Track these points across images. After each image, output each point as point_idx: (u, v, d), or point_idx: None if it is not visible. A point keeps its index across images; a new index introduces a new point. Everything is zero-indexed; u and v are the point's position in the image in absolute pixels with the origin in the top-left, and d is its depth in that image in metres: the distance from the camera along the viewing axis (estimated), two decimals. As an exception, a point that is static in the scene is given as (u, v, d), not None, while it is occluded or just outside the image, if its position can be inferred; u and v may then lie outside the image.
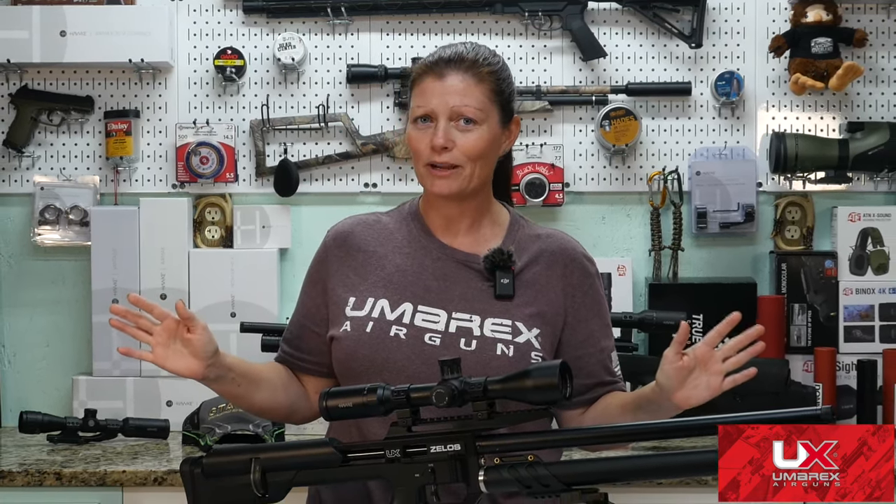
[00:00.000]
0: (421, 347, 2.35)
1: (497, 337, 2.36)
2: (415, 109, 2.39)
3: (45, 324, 3.94)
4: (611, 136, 3.83)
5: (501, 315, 2.38)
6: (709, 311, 3.73)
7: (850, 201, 3.89)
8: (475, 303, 2.40)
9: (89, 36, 3.78)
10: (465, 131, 2.36)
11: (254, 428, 3.43)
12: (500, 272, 2.40)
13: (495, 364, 2.30)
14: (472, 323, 2.37)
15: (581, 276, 2.46)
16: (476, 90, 2.38)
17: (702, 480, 3.15)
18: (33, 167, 3.92)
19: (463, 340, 2.36)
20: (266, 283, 3.80)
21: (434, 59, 2.41)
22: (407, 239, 2.48)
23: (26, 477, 3.21)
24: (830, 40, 3.78)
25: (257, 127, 3.88)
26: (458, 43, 2.47)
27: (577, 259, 2.47)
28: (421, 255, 2.45)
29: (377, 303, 2.41)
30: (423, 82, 2.40)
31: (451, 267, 2.43)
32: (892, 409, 3.65)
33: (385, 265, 2.45)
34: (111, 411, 3.67)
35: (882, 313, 3.79)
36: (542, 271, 2.44)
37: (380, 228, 2.51)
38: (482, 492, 1.98)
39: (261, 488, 2.12)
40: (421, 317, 2.39)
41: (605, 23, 3.90)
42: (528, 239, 2.47)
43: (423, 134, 2.37)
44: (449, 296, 2.40)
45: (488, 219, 2.48)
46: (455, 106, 2.36)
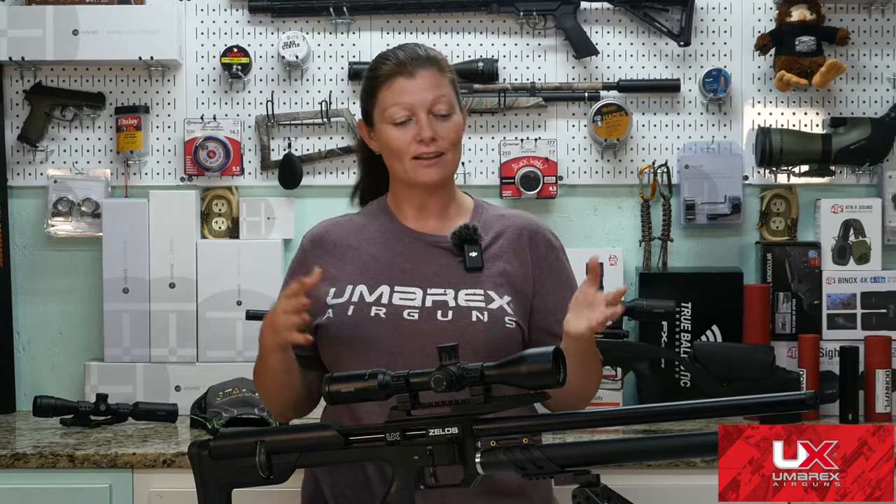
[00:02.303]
0: (401, 323, 2.41)
1: (471, 305, 2.42)
2: (391, 109, 2.46)
3: (58, 312, 3.94)
4: (603, 131, 3.82)
5: (473, 286, 2.45)
6: (697, 300, 3.73)
7: (832, 194, 3.88)
8: (448, 278, 2.46)
9: (101, 35, 3.77)
10: (443, 121, 2.46)
11: (259, 412, 3.42)
12: (468, 246, 2.48)
13: (472, 330, 2.37)
14: (446, 296, 2.43)
15: (546, 248, 2.53)
16: (443, 82, 2.49)
17: (690, 462, 3.17)
18: (47, 161, 3.91)
19: (440, 312, 2.41)
20: (270, 273, 3.79)
21: (397, 60, 2.48)
22: (379, 231, 2.55)
23: (40, 459, 3.21)
24: (814, 39, 3.77)
25: (262, 122, 3.88)
26: (406, 44, 2.56)
27: (540, 232, 2.56)
28: (393, 242, 2.52)
29: (356, 289, 2.47)
30: (394, 83, 2.47)
31: (422, 249, 2.50)
32: (874, 394, 3.65)
33: (360, 255, 2.52)
34: (122, 396, 3.67)
35: (864, 301, 3.79)
36: (508, 244, 2.51)
37: (352, 225, 2.59)
38: (479, 473, 1.98)
39: (266, 470, 2.11)
40: (398, 296, 2.45)
41: (598, 22, 3.89)
42: (493, 218, 2.56)
43: (404, 132, 2.46)
44: (423, 274, 2.47)
45: (454, 204, 2.58)
46: (434, 98, 2.45)
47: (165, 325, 3.78)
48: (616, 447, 1.99)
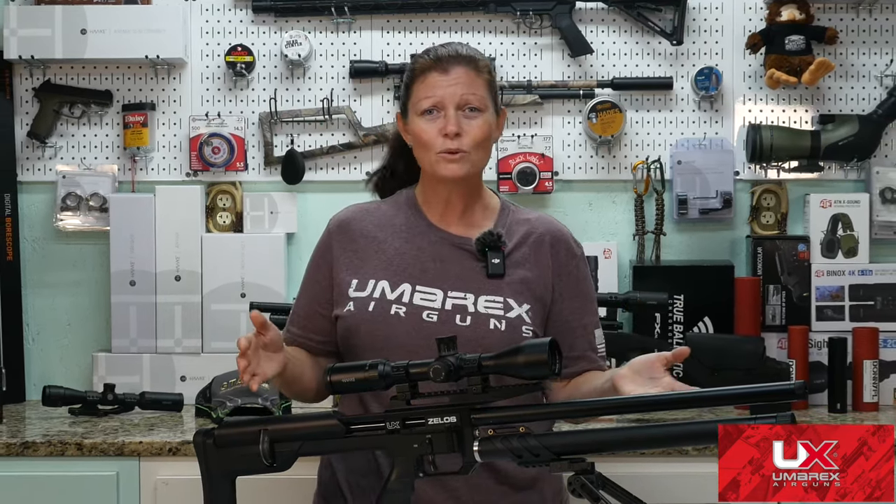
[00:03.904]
0: (420, 324, 2.37)
1: (490, 313, 2.38)
2: (422, 101, 2.42)
3: (66, 304, 3.93)
4: (597, 128, 3.82)
5: (493, 292, 2.40)
6: (689, 292, 3.73)
7: (821, 189, 3.88)
8: (469, 282, 2.41)
9: (108, 34, 3.77)
10: (471, 119, 2.41)
11: (262, 401, 3.42)
12: (491, 252, 2.43)
13: (489, 338, 2.33)
14: (466, 300, 2.39)
15: (567, 256, 2.48)
16: (478, 81, 2.43)
17: (682, 450, 3.16)
18: (56, 157, 3.90)
19: (458, 317, 2.37)
20: (274, 266, 3.79)
21: (436, 55, 2.44)
22: (405, 224, 2.49)
23: (49, 447, 3.21)
24: (803, 38, 3.77)
25: (266, 119, 3.87)
26: (450, 42, 2.51)
27: (563, 240, 2.50)
28: (419, 239, 2.47)
29: (378, 284, 2.43)
30: (427, 77, 2.43)
31: (446, 249, 2.45)
32: (861, 384, 3.65)
33: (385, 249, 2.46)
34: (128, 386, 3.67)
35: (851, 294, 3.79)
36: (531, 251, 2.46)
37: (379, 215, 2.52)
38: (477, 461, 1.98)
39: (269, 458, 2.11)
40: (419, 296, 2.41)
41: (592, 21, 3.89)
42: (518, 222, 2.49)
43: (432, 124, 2.41)
44: (445, 276, 2.42)
45: (480, 204, 2.51)
46: (463, 94, 2.40)
47: (171, 317, 3.78)
48: (610, 436, 1.99)
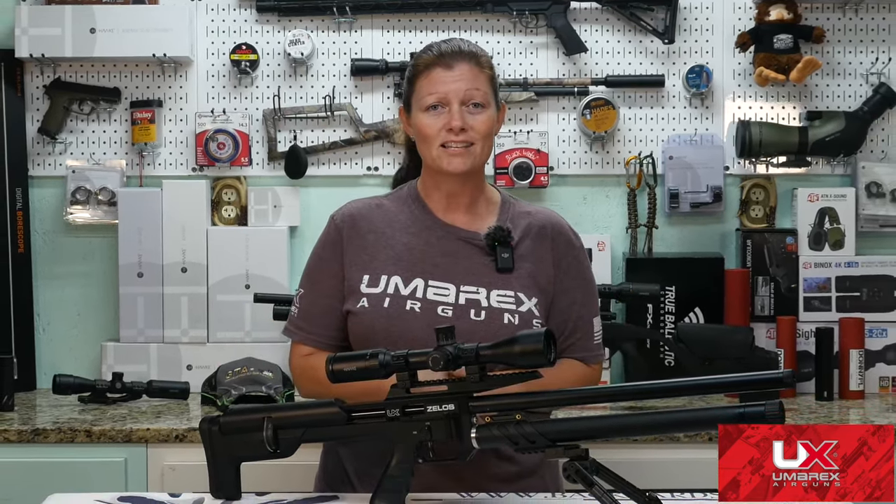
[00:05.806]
0: (435, 319, 2.33)
1: (503, 307, 2.37)
2: (426, 97, 2.40)
3: (76, 295, 3.93)
4: (591, 124, 3.81)
5: (505, 287, 2.39)
6: (680, 283, 3.73)
7: (809, 183, 3.87)
8: (480, 276, 2.39)
9: (116, 33, 3.76)
10: (475, 113, 2.39)
11: (266, 390, 3.42)
12: (501, 247, 2.41)
13: (504, 332, 2.29)
14: (479, 295, 2.37)
15: (567, 248, 2.47)
16: (481, 77, 2.41)
17: (673, 437, 3.17)
18: (66, 152, 3.90)
19: (472, 311, 2.36)
20: (277, 258, 3.79)
21: (439, 51, 2.42)
22: (410, 219, 2.47)
23: (59, 434, 3.21)
24: (791, 37, 3.77)
25: (269, 115, 3.87)
26: (452, 38, 2.49)
27: (563, 232, 2.49)
28: (426, 233, 2.45)
29: (390, 279, 2.40)
30: (431, 72, 2.41)
31: (454, 244, 2.43)
32: (847, 373, 3.65)
33: (393, 244, 2.44)
34: (136, 374, 3.67)
35: (838, 285, 3.79)
36: (534, 245, 2.44)
37: (384, 211, 2.49)
38: (474, 447, 1.98)
39: (273, 444, 2.11)
40: (432, 291, 2.39)
41: (587, 20, 3.88)
42: (519, 216, 2.48)
43: (436, 119, 2.39)
44: (455, 270, 2.40)
45: (483, 198, 2.49)
46: (467, 90, 2.39)
47: (178, 308, 3.78)
48: (604, 423, 1.98)
